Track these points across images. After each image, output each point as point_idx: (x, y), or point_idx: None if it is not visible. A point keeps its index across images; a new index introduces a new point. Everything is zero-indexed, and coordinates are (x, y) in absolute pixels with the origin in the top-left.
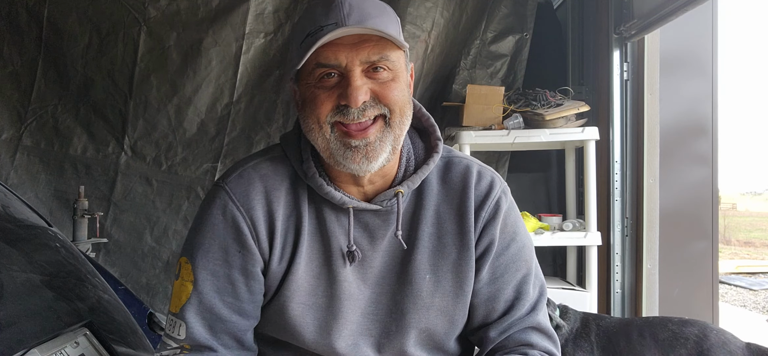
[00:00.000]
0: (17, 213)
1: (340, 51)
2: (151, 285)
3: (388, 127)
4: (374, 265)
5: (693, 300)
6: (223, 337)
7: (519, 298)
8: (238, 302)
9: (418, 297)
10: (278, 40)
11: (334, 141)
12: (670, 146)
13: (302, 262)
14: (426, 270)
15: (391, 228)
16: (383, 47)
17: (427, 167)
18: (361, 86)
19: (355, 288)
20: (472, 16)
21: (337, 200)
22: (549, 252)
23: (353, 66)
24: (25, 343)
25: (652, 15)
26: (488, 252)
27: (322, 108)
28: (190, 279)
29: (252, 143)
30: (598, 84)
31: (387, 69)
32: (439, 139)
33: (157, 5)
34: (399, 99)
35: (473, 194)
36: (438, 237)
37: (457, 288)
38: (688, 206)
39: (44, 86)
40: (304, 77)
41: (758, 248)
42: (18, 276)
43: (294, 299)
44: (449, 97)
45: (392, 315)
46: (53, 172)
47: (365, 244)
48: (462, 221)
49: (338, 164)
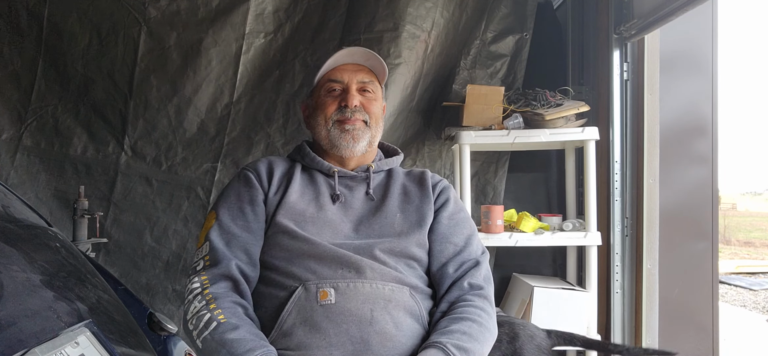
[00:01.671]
0: (17, 213)
1: (345, 72)
2: (151, 285)
3: (367, 127)
4: (354, 207)
5: (693, 300)
6: (236, 250)
7: (467, 246)
8: (246, 222)
9: (391, 225)
10: (278, 40)
11: (333, 131)
12: (670, 146)
13: (294, 193)
14: (396, 211)
15: (366, 188)
16: (372, 77)
17: (393, 160)
18: (355, 95)
19: (338, 219)
20: (472, 16)
21: (325, 168)
22: (549, 252)
23: (352, 83)
24: (24, 343)
25: (652, 15)
26: (445, 207)
27: (329, 109)
28: (214, 218)
29: (252, 143)
30: (598, 84)
31: (371, 92)
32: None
33: (157, 5)
34: (375, 112)
35: (430, 179)
36: (404, 195)
37: (420, 219)
38: (688, 206)
39: (44, 86)
40: (317, 90)
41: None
42: (18, 276)
43: (285, 216)
44: (449, 97)
45: (370, 238)
46: (53, 172)
47: (346, 195)
48: (422, 188)
49: (333, 147)
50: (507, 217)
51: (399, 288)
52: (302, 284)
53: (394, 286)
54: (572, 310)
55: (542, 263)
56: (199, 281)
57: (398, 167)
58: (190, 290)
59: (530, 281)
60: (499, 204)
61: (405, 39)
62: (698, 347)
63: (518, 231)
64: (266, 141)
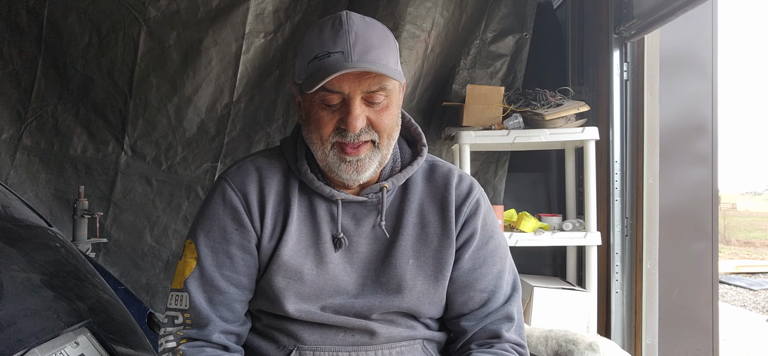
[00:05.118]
0: (17, 213)
1: (344, 82)
2: (151, 285)
3: (376, 149)
4: (360, 250)
5: (693, 300)
6: (221, 309)
7: (495, 291)
8: (235, 275)
9: (401, 279)
10: (278, 40)
11: (331, 156)
12: (670, 146)
13: (290, 241)
14: (409, 255)
15: (377, 218)
16: (381, 79)
17: (412, 167)
18: (359, 116)
19: (340, 271)
20: (472, 16)
21: (327, 194)
22: (549, 252)
23: (355, 95)
24: (25, 343)
25: (652, 15)
26: (469, 243)
27: (324, 129)
28: (194, 257)
29: (252, 143)
30: (598, 84)
31: (383, 98)
32: (424, 145)
33: (157, 5)
34: (388, 125)
35: (454, 192)
36: (421, 227)
37: (437, 272)
38: (688, 206)
39: (44, 86)
40: (309, 95)
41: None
42: (18, 276)
43: (280, 273)
44: (449, 97)
45: (376, 295)
46: (53, 172)
47: (352, 230)
48: (443, 215)
49: (332, 173)
50: (507, 217)
51: (409, 346)
52: (296, 348)
53: (404, 346)
54: (572, 310)
55: (542, 263)
56: (176, 340)
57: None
58: (165, 349)
59: (530, 281)
60: (499, 204)
61: (405, 39)
62: (698, 347)
63: (518, 231)
64: (266, 141)
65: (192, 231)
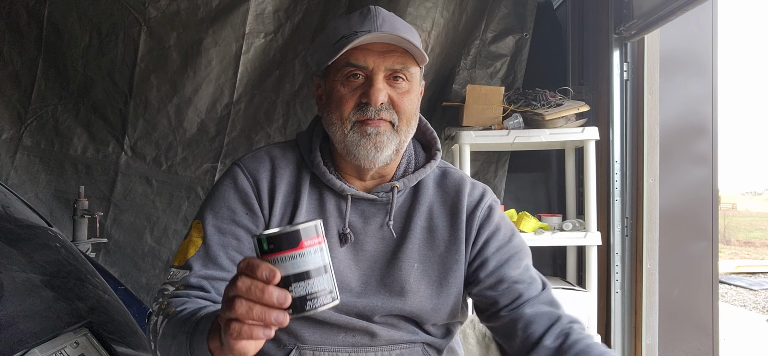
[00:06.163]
0: (17, 213)
1: (369, 56)
2: (151, 284)
3: (394, 131)
4: (366, 249)
5: (693, 300)
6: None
7: (531, 281)
8: (240, 256)
9: (405, 282)
10: (278, 40)
11: (351, 135)
12: (670, 146)
13: None
14: (415, 258)
15: (385, 218)
16: (406, 60)
17: (424, 170)
18: (381, 89)
19: (345, 267)
20: (472, 16)
21: (337, 188)
22: (549, 252)
23: (378, 71)
24: (25, 343)
25: (652, 15)
26: (489, 243)
27: (345, 106)
28: (200, 236)
29: (252, 143)
30: (598, 84)
31: (405, 80)
32: (438, 150)
33: (157, 5)
34: (408, 110)
35: (466, 199)
36: (429, 231)
37: (441, 278)
38: (688, 206)
39: (44, 86)
40: (332, 74)
41: (758, 248)
42: (18, 276)
43: None
44: (449, 97)
45: (379, 295)
46: (53, 172)
47: (359, 228)
48: (454, 221)
49: (350, 154)
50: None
51: (410, 349)
52: (296, 347)
53: (404, 348)
54: (572, 310)
55: (542, 263)
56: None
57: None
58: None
59: None
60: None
61: None
62: (698, 347)
63: (518, 231)
64: (266, 141)
65: (201, 212)
